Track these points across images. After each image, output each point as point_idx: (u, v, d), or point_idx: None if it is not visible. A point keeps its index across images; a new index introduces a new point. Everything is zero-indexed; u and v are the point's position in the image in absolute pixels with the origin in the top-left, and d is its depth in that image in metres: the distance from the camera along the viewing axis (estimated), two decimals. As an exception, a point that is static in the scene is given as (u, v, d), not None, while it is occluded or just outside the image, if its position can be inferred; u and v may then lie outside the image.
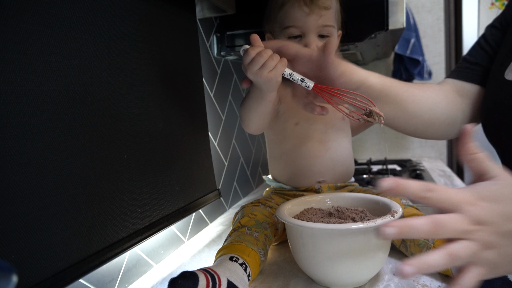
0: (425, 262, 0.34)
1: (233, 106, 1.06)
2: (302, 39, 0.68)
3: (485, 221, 0.35)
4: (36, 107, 0.41)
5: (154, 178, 0.61)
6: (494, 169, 0.38)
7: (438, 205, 0.37)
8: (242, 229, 0.62)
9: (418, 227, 0.35)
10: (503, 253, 0.36)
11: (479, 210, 0.36)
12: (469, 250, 0.35)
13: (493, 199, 0.36)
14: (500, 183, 0.37)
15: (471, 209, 0.36)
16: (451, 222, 0.35)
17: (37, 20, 0.41)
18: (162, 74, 0.65)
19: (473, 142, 0.40)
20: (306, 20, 0.66)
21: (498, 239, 0.36)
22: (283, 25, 0.68)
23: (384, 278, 0.56)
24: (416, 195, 0.36)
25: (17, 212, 0.38)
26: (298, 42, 0.68)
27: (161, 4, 0.65)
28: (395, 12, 0.81)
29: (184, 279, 0.44)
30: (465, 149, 0.40)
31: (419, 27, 1.67)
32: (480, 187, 0.37)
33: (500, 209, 0.36)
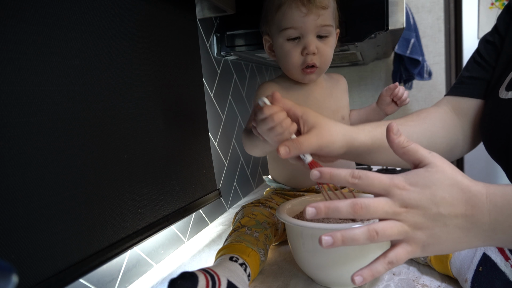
0: (348, 235, 0.38)
1: (233, 106, 1.06)
2: (301, 40, 0.67)
3: (413, 205, 0.38)
4: (36, 107, 0.41)
5: (154, 178, 0.61)
6: (428, 157, 0.41)
7: (368, 190, 0.40)
8: (242, 229, 0.62)
9: (341, 208, 0.39)
10: (432, 234, 0.38)
11: (408, 194, 0.39)
12: (396, 229, 0.38)
13: (423, 184, 0.39)
14: (432, 170, 0.40)
15: (401, 193, 0.39)
16: (376, 204, 0.38)
17: (37, 20, 0.41)
18: (162, 74, 0.65)
19: (400, 135, 0.42)
20: (305, 21, 0.66)
21: (427, 222, 0.38)
22: (281, 27, 0.67)
23: (384, 278, 0.56)
24: (345, 182, 0.40)
25: (17, 212, 0.38)
26: (297, 44, 0.68)
27: (161, 4, 0.65)
28: (395, 12, 0.81)
29: (183, 280, 0.44)
30: (396, 145, 0.42)
31: (419, 27, 1.67)
32: (412, 174, 0.40)
33: (428, 194, 0.38)
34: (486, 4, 1.60)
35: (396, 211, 0.38)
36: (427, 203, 0.38)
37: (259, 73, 1.31)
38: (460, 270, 0.51)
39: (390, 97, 0.79)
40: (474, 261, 0.49)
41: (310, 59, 0.68)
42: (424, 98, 1.75)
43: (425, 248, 0.39)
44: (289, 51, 0.68)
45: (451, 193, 0.38)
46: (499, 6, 1.59)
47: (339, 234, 0.38)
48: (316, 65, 0.69)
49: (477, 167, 1.68)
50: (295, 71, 0.70)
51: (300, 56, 0.68)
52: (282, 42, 0.68)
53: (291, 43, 0.68)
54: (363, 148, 0.56)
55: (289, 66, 0.70)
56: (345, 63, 1.59)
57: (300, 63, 0.69)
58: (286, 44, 0.68)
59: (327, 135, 0.51)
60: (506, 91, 0.58)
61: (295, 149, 0.49)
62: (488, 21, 1.60)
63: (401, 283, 0.55)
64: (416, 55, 1.51)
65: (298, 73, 0.71)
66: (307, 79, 0.71)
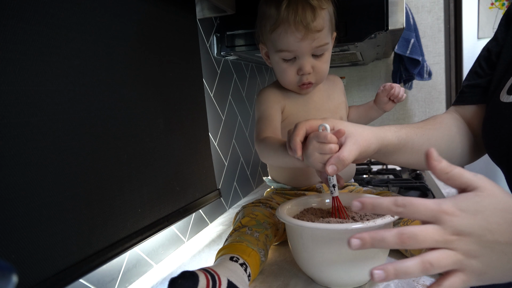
0: (401, 268, 0.35)
1: (233, 106, 1.06)
2: (296, 60, 0.68)
3: (466, 232, 0.36)
4: (36, 107, 0.41)
5: (154, 178, 0.61)
6: (476, 181, 0.39)
7: (416, 217, 0.38)
8: (242, 229, 0.62)
9: (387, 238, 0.36)
10: (486, 262, 0.37)
11: (459, 220, 0.36)
12: (450, 258, 0.36)
13: (474, 210, 0.37)
14: (482, 194, 0.38)
15: (452, 220, 0.36)
16: (425, 233, 0.36)
17: (37, 20, 0.41)
18: (162, 74, 0.65)
19: (441, 161, 0.40)
20: (300, 45, 0.65)
21: (482, 249, 0.36)
22: (276, 48, 0.68)
23: (384, 278, 0.56)
24: (388, 211, 0.38)
25: (17, 212, 0.38)
26: (293, 64, 0.69)
27: (161, 4, 0.65)
28: (395, 12, 0.81)
29: (184, 279, 0.44)
30: (439, 171, 0.40)
31: (419, 27, 1.67)
32: (461, 198, 0.38)
33: (481, 220, 0.36)
34: (486, 4, 1.60)
35: (447, 239, 0.36)
36: (481, 230, 0.36)
37: (259, 73, 1.31)
38: (460, 270, 0.51)
39: (387, 97, 0.79)
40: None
41: (305, 79, 0.69)
42: (424, 98, 1.75)
43: (481, 276, 0.37)
44: (284, 70, 0.70)
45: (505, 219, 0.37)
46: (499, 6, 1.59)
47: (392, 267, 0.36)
48: (312, 82, 0.71)
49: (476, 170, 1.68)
50: (291, 87, 0.73)
51: (296, 75, 0.70)
52: (278, 61, 0.70)
53: (287, 63, 0.69)
54: (390, 147, 0.57)
55: (286, 83, 0.72)
56: (345, 63, 1.59)
57: (296, 81, 0.71)
58: (282, 64, 0.70)
59: (363, 141, 0.52)
60: (507, 95, 0.58)
61: (341, 165, 0.50)
62: (488, 21, 1.60)
63: (401, 283, 0.55)
64: (416, 55, 1.51)
65: (294, 88, 0.73)
66: (304, 92, 0.74)
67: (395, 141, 0.58)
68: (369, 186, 1.07)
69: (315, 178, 0.77)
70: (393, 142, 0.57)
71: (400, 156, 0.61)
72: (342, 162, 0.50)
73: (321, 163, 0.51)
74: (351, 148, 0.51)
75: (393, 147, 0.58)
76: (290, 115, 0.76)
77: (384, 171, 1.30)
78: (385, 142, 0.56)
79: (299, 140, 0.52)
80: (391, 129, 0.58)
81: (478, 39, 1.62)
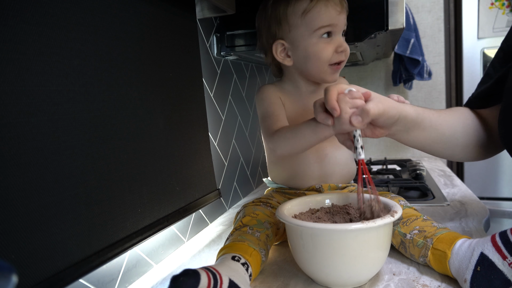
0: None
1: (233, 106, 1.06)
2: (332, 38, 0.70)
3: None
4: (36, 107, 0.41)
5: (154, 178, 0.61)
6: None
7: None
8: (244, 228, 0.62)
9: None
10: None
11: None
12: None
13: None
14: None
15: None
16: None
17: (37, 20, 0.42)
18: (162, 74, 0.65)
19: None
20: (339, 18, 0.69)
21: None
22: (315, 26, 0.69)
23: (384, 278, 0.56)
24: None
25: (17, 212, 0.38)
26: (330, 42, 0.70)
27: (161, 4, 0.65)
28: (395, 12, 0.81)
29: (186, 277, 0.44)
30: None
31: (419, 27, 1.67)
32: None
33: None
34: (486, 4, 1.60)
35: None
36: None
37: (259, 73, 1.31)
38: (458, 270, 0.51)
39: None
40: (472, 261, 0.49)
41: (343, 56, 0.71)
42: (424, 98, 1.75)
43: None
44: (323, 49, 0.70)
45: None
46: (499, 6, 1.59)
47: None
48: (344, 60, 0.72)
49: (476, 167, 1.68)
50: (323, 68, 0.71)
51: (333, 53, 0.70)
52: (316, 42, 0.70)
53: (325, 40, 0.70)
54: (409, 120, 0.60)
55: (320, 63, 0.71)
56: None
57: (330, 59, 0.70)
58: (320, 43, 0.70)
59: (386, 102, 0.56)
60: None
61: (366, 116, 0.53)
62: (488, 21, 1.60)
63: (401, 283, 0.55)
64: (416, 55, 1.51)
65: (325, 71, 0.72)
66: (335, 76, 0.73)
67: (413, 114, 0.61)
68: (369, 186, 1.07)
69: (313, 182, 0.77)
70: (411, 115, 0.60)
71: (418, 133, 0.63)
72: (367, 113, 0.53)
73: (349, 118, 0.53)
74: (376, 103, 0.55)
75: (412, 120, 0.61)
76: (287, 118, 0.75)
77: (384, 171, 1.30)
78: (403, 113, 0.59)
79: (335, 100, 0.54)
80: (408, 105, 0.62)
81: (478, 39, 1.62)
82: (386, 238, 0.54)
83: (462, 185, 1.11)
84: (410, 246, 0.59)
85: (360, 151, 0.56)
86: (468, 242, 0.52)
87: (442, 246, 0.54)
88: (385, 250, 0.54)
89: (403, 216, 0.63)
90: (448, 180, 1.19)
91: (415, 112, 0.61)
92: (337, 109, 0.53)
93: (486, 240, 0.50)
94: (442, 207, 0.89)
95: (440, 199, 0.95)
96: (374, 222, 0.50)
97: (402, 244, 0.61)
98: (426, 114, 0.63)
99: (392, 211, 0.54)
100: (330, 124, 0.56)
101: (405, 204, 0.68)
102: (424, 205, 0.91)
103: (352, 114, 0.53)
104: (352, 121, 0.53)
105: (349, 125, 0.53)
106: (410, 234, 0.60)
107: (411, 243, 0.59)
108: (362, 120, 0.53)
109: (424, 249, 0.57)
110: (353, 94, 0.54)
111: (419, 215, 0.64)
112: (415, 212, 0.65)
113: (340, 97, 0.54)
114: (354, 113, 0.53)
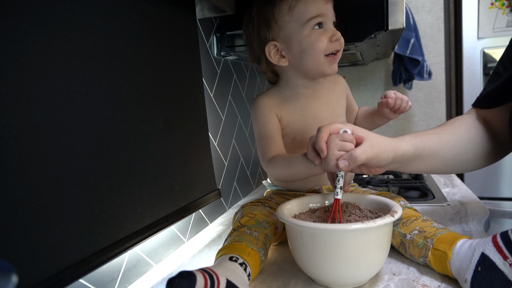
0: None
1: (233, 106, 1.06)
2: (324, 28, 0.70)
3: None
4: (36, 107, 0.41)
5: (154, 178, 0.61)
6: None
7: None
8: (242, 229, 0.62)
9: None
10: None
11: None
12: None
13: None
14: None
15: None
16: None
17: (37, 20, 0.42)
18: (162, 74, 0.65)
19: None
20: (327, 8, 0.70)
21: None
22: (305, 18, 0.69)
23: (384, 278, 0.56)
24: None
25: (17, 212, 0.38)
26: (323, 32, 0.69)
27: (161, 4, 0.65)
28: (395, 12, 0.81)
29: (181, 279, 0.44)
30: None
31: (419, 27, 1.67)
32: None
33: None
34: (486, 4, 1.60)
35: None
36: None
37: (259, 73, 1.31)
38: (459, 271, 0.51)
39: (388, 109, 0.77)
40: (473, 261, 0.49)
41: (339, 45, 0.70)
42: (424, 98, 1.75)
43: None
44: (317, 39, 0.69)
45: None
46: (499, 6, 1.59)
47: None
48: (340, 49, 0.72)
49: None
50: (320, 59, 0.70)
51: (328, 42, 0.69)
52: (309, 33, 0.69)
53: (317, 31, 0.69)
54: (406, 156, 0.61)
55: (316, 55, 0.70)
56: (345, 63, 1.59)
57: (326, 49, 0.70)
58: (313, 33, 0.69)
59: (377, 147, 0.56)
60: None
61: (353, 162, 0.54)
62: (488, 21, 1.60)
63: (401, 283, 0.55)
64: (416, 55, 1.51)
65: (323, 62, 0.70)
66: (333, 67, 0.72)
67: (410, 150, 0.61)
68: (369, 186, 1.07)
69: (314, 182, 0.77)
70: (408, 151, 0.60)
71: (419, 164, 0.64)
72: (354, 159, 0.53)
73: (336, 160, 0.54)
74: (365, 149, 0.54)
75: (409, 156, 0.61)
76: (286, 126, 0.75)
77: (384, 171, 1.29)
78: (399, 152, 0.59)
79: (324, 142, 0.55)
80: (405, 139, 0.62)
81: (478, 39, 1.62)
82: (386, 238, 0.54)
83: (462, 185, 1.11)
84: (410, 246, 0.59)
85: (339, 191, 0.58)
86: (469, 243, 0.52)
87: (443, 247, 0.54)
88: (385, 250, 0.54)
89: (402, 217, 0.63)
90: (448, 180, 1.19)
91: (412, 146, 0.61)
92: (324, 151, 0.55)
93: (487, 240, 0.49)
94: (442, 207, 0.89)
95: (440, 199, 0.95)
96: (374, 222, 0.50)
97: (402, 245, 0.61)
98: (425, 143, 0.63)
99: (392, 211, 0.54)
100: (316, 164, 0.57)
101: (404, 205, 0.68)
102: (424, 205, 0.91)
103: (340, 158, 0.54)
104: (339, 164, 0.54)
105: (335, 167, 0.54)
106: (410, 234, 0.60)
107: (411, 244, 0.59)
108: (348, 164, 0.54)
109: (424, 250, 0.57)
110: (344, 137, 0.55)
111: (419, 216, 0.64)
112: (415, 213, 0.65)
113: (331, 138, 0.55)
114: (342, 156, 0.54)
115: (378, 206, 0.60)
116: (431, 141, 0.64)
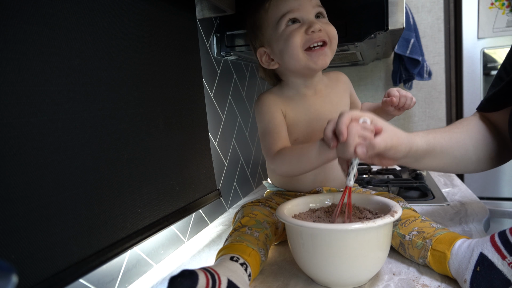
0: None
1: (233, 106, 1.06)
2: (303, 23, 0.67)
3: None
4: (36, 107, 0.41)
5: (154, 178, 0.61)
6: None
7: None
8: (242, 229, 0.62)
9: None
10: None
11: None
12: None
13: None
14: None
15: None
16: None
17: (37, 20, 0.42)
18: (162, 74, 0.65)
19: None
20: (302, 2, 0.68)
21: None
22: (277, 18, 0.68)
23: (384, 278, 0.56)
24: None
25: (17, 212, 0.38)
26: (300, 26, 0.67)
27: (161, 4, 0.65)
28: (395, 12, 0.81)
29: (183, 278, 0.44)
30: None
31: (419, 27, 1.67)
32: None
33: None
34: (486, 4, 1.60)
35: None
36: None
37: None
38: (458, 271, 0.51)
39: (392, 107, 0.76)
40: (472, 261, 0.49)
41: (317, 36, 0.66)
42: (424, 98, 1.75)
43: None
44: (292, 33, 0.67)
45: None
46: (499, 6, 1.59)
47: None
48: (326, 41, 0.68)
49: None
50: (298, 55, 0.67)
51: (304, 35, 0.67)
52: (284, 29, 0.68)
53: (292, 27, 0.68)
54: (420, 152, 0.61)
55: (293, 51, 0.67)
56: (345, 63, 1.59)
57: (303, 42, 0.67)
58: (288, 28, 0.68)
59: (395, 138, 0.56)
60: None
61: (371, 149, 0.54)
62: (488, 21, 1.60)
63: (401, 283, 0.55)
64: (416, 55, 1.51)
65: (302, 58, 0.67)
66: (319, 61, 0.68)
67: (424, 146, 0.61)
68: (369, 186, 1.07)
69: (314, 183, 0.76)
70: (422, 147, 0.61)
71: (430, 160, 0.64)
72: (373, 146, 0.54)
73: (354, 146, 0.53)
74: (384, 138, 0.55)
75: (422, 151, 0.61)
76: (289, 125, 0.74)
77: (384, 171, 1.30)
78: (414, 146, 0.59)
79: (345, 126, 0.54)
80: (419, 134, 0.62)
81: (478, 39, 1.62)
82: (386, 238, 0.54)
83: (462, 185, 1.11)
84: (409, 247, 0.59)
85: (351, 178, 0.57)
86: (468, 243, 0.52)
87: (442, 247, 0.54)
88: (385, 250, 0.54)
89: (401, 217, 0.63)
90: (448, 180, 1.19)
91: (426, 142, 0.61)
92: (344, 135, 0.53)
93: (485, 240, 0.50)
94: (442, 207, 0.89)
95: (440, 199, 0.95)
96: (374, 222, 0.50)
97: (401, 246, 0.61)
98: (437, 140, 0.64)
99: (392, 211, 0.54)
100: (331, 146, 0.56)
101: (403, 205, 0.68)
102: (424, 205, 0.91)
103: (358, 144, 0.53)
104: (357, 150, 0.53)
105: (353, 153, 0.53)
106: (409, 235, 0.60)
107: (410, 244, 0.59)
108: (366, 151, 0.53)
109: (423, 250, 0.57)
110: (365, 126, 0.54)
111: (418, 216, 0.64)
112: (414, 213, 0.65)
113: (352, 124, 0.54)
114: (360, 143, 0.53)
115: (378, 206, 0.60)
116: (442, 138, 0.65)
